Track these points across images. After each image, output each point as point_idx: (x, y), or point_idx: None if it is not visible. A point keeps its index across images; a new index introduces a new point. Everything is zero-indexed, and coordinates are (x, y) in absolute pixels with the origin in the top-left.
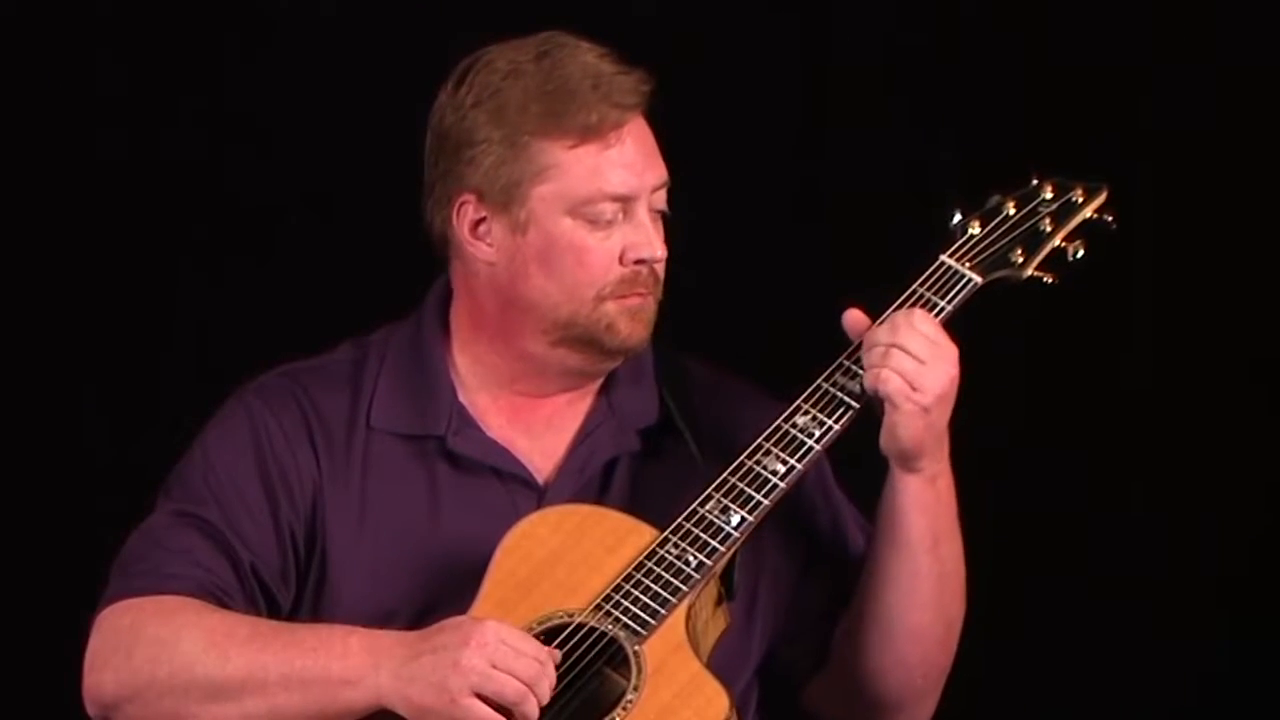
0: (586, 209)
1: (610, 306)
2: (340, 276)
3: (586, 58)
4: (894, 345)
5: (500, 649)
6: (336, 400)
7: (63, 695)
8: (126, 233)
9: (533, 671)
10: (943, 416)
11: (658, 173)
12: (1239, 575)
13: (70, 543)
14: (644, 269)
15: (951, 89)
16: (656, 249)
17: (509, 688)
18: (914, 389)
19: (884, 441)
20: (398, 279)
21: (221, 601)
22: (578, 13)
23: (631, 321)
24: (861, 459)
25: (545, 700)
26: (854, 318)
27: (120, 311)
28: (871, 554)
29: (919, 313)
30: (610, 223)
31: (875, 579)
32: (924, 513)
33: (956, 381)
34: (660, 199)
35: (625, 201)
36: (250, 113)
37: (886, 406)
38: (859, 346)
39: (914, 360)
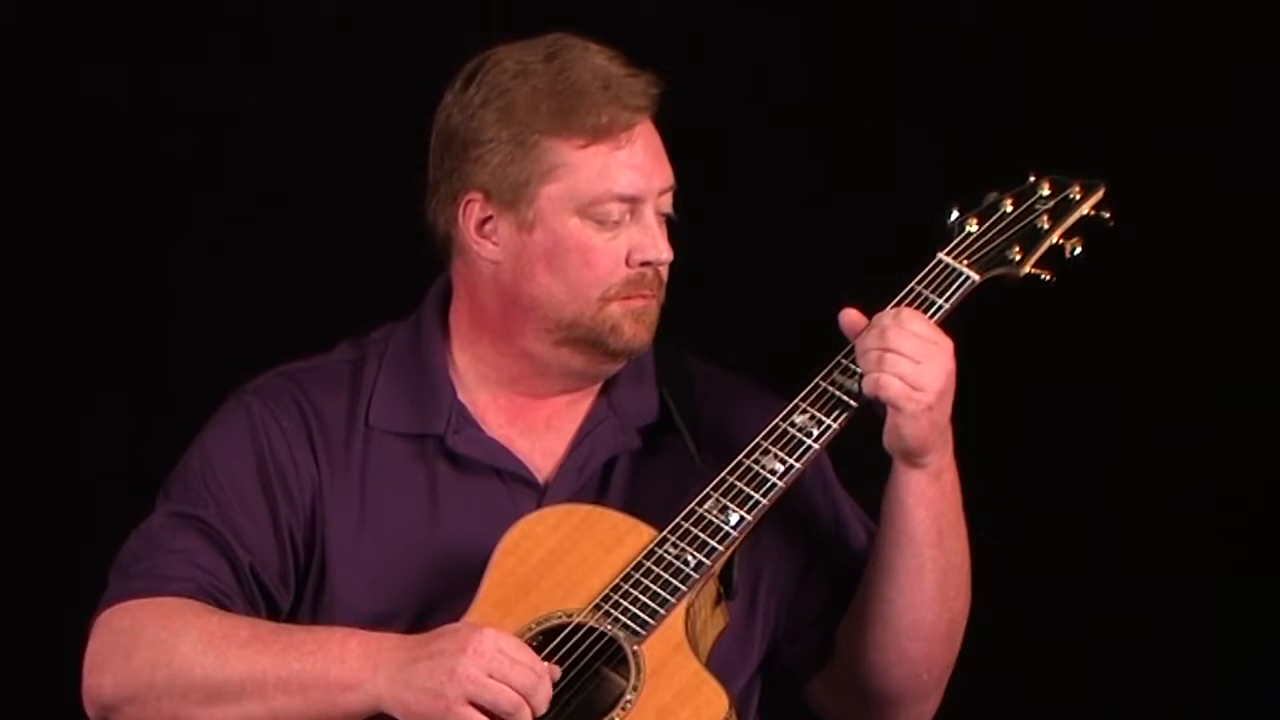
0: (594, 209)
1: (615, 308)
2: (340, 276)
3: (596, 59)
4: (888, 349)
5: (497, 658)
6: (335, 400)
7: (63, 695)
8: (126, 233)
9: (529, 681)
10: (945, 411)
11: (665, 175)
12: (1239, 575)
13: (70, 543)
14: (649, 271)
15: (951, 88)
16: (663, 251)
17: (504, 697)
18: (915, 389)
19: (888, 441)
20: (398, 279)
21: (220, 603)
22: (580, 14)
23: (635, 324)
24: (862, 455)
25: (541, 711)
26: (850, 317)
27: (120, 312)
28: (875, 549)
29: (907, 312)
30: (618, 223)
31: (879, 574)
32: (929, 508)
33: (954, 375)
34: (666, 202)
35: (633, 203)
36: (250, 113)
37: (889, 408)
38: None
39: (910, 361)
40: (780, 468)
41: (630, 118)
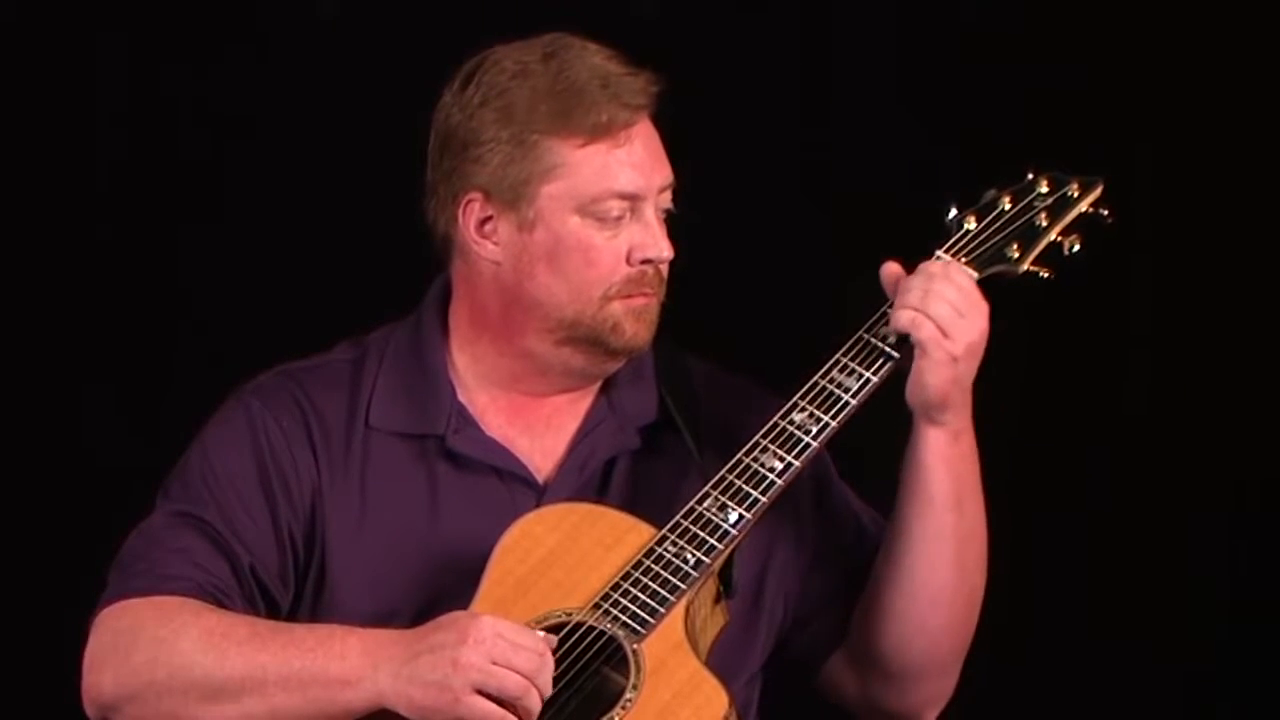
0: (595, 207)
1: (616, 306)
2: (340, 276)
3: (594, 59)
4: (930, 291)
5: (498, 644)
6: (335, 400)
7: (63, 695)
8: (126, 233)
9: (533, 664)
10: (970, 370)
11: (664, 173)
12: (1237, 576)
13: (70, 543)
14: (650, 269)
15: (952, 88)
16: (663, 249)
17: (510, 682)
18: (946, 336)
19: (910, 391)
20: (398, 279)
21: (220, 602)
22: (578, 14)
23: (636, 322)
24: (863, 456)
25: (547, 692)
26: (890, 270)
27: (120, 312)
28: (895, 516)
29: (955, 265)
30: (619, 220)
31: (899, 539)
32: (948, 469)
33: (985, 336)
34: (666, 199)
35: (633, 200)
36: (250, 113)
37: (916, 353)
38: (856, 343)
39: (949, 307)
40: (779, 465)
41: (630, 116)
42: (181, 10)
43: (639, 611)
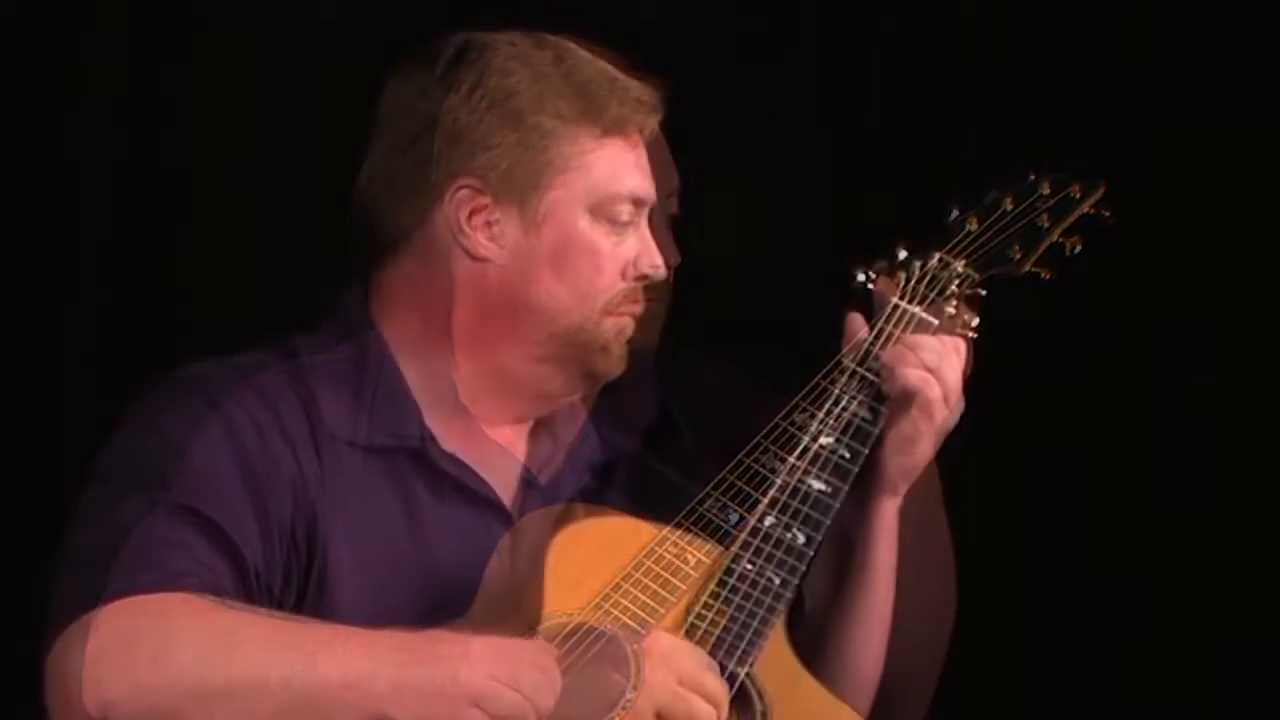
0: (605, 208)
1: (610, 323)
2: (341, 276)
3: (600, 62)
4: (945, 356)
5: (501, 660)
6: (337, 399)
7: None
8: (120, 231)
9: (533, 681)
10: (953, 413)
11: (672, 179)
12: (1240, 576)
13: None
14: (650, 277)
15: (951, 88)
16: (660, 265)
17: (507, 701)
18: (946, 401)
19: (893, 442)
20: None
21: (222, 599)
22: (579, 14)
23: (620, 347)
24: None
25: (548, 711)
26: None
27: (116, 310)
28: (854, 543)
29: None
30: (626, 224)
31: (859, 560)
32: (906, 500)
33: (966, 376)
34: (673, 204)
35: (640, 205)
36: (242, 113)
37: (915, 412)
38: (858, 344)
39: (935, 354)
40: (780, 466)
41: (642, 120)
42: (181, 10)
43: (639, 612)
